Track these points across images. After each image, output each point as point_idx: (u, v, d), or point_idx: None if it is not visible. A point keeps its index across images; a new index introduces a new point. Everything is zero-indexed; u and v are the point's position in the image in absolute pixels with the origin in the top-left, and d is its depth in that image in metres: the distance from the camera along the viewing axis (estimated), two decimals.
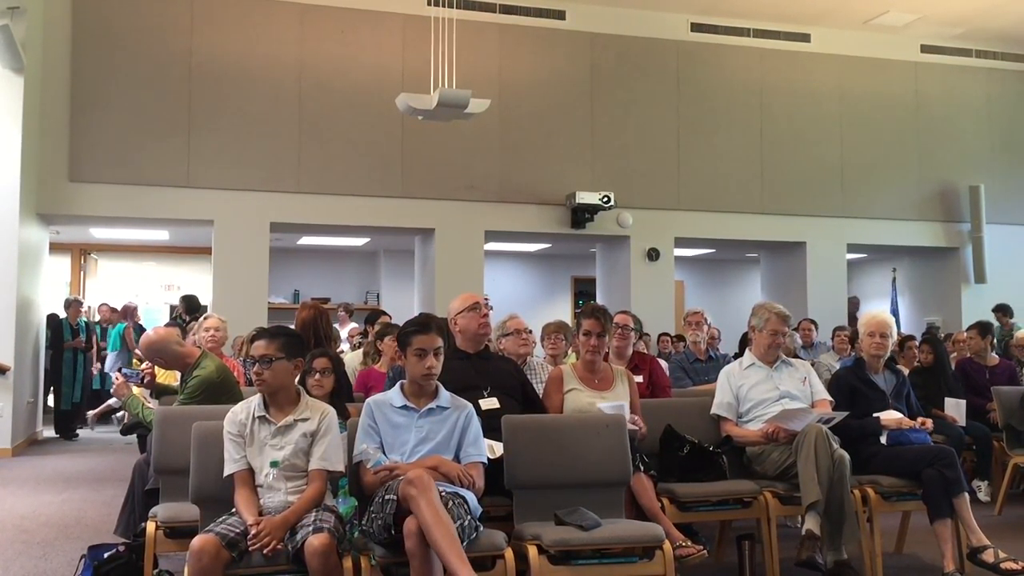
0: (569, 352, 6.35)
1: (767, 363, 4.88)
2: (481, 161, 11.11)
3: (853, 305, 12.80)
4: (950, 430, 6.12)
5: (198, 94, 10.33)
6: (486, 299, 4.59)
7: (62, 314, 11.31)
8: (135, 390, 5.12)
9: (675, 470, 4.51)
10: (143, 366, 5.21)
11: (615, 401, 4.48)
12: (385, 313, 7.85)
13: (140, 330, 11.99)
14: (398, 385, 3.78)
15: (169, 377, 5.75)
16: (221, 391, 4.58)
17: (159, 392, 5.41)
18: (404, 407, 3.68)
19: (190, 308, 10.84)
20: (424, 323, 3.74)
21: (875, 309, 5.31)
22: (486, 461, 3.70)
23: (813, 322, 9.89)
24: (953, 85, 12.82)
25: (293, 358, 3.61)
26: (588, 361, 4.66)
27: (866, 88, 12.45)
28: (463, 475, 3.53)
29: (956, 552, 4.44)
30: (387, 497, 3.35)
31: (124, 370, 5.25)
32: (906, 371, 5.56)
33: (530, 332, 5.77)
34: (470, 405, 3.78)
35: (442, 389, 3.75)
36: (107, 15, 10.15)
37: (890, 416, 4.75)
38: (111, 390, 5.19)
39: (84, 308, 11.97)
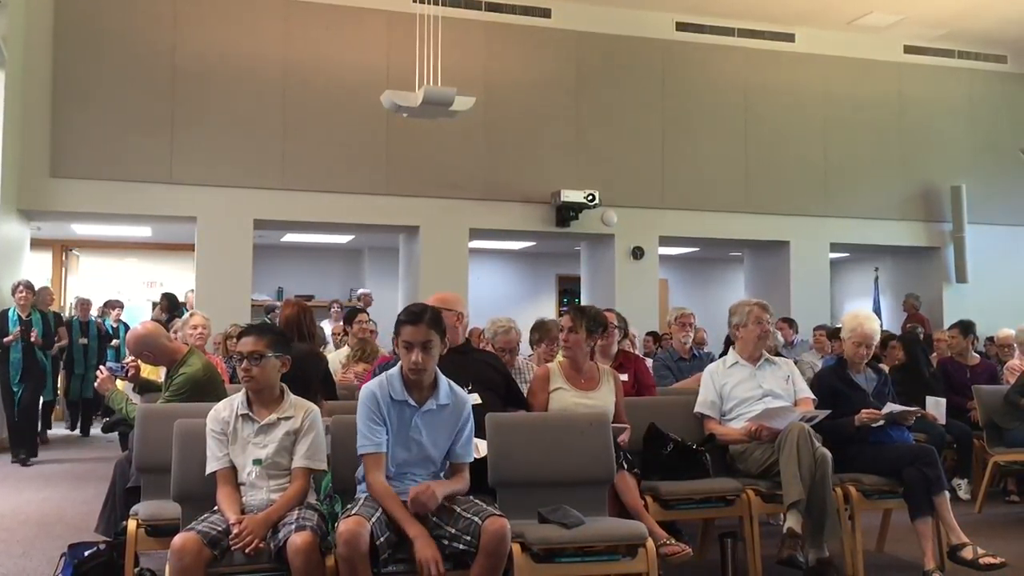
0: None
1: (751, 361, 4.90)
2: (466, 159, 11.10)
3: (911, 307, 12.44)
4: (932, 429, 6.15)
5: (181, 90, 10.27)
6: (452, 310, 4.43)
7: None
8: (119, 384, 5.07)
9: (658, 468, 4.52)
10: (127, 360, 5.16)
11: (597, 400, 4.49)
12: (363, 311, 7.81)
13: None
14: (397, 369, 3.56)
15: (152, 372, 5.71)
16: (207, 389, 4.54)
17: (143, 387, 5.36)
18: (403, 402, 3.50)
19: (171, 306, 10.78)
20: (416, 313, 3.49)
21: (862, 311, 5.23)
22: (472, 460, 3.65)
23: (788, 321, 9.94)
24: (936, 86, 12.90)
25: (281, 355, 3.60)
26: (571, 359, 4.66)
27: (850, 88, 12.52)
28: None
29: (936, 550, 4.47)
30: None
31: (108, 364, 5.19)
32: (887, 369, 5.58)
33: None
34: (469, 403, 3.65)
35: (442, 382, 3.54)
36: (90, 10, 10.07)
37: (860, 416, 4.75)
38: (95, 384, 5.07)
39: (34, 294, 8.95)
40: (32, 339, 8.58)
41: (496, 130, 11.16)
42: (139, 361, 5.06)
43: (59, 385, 10.64)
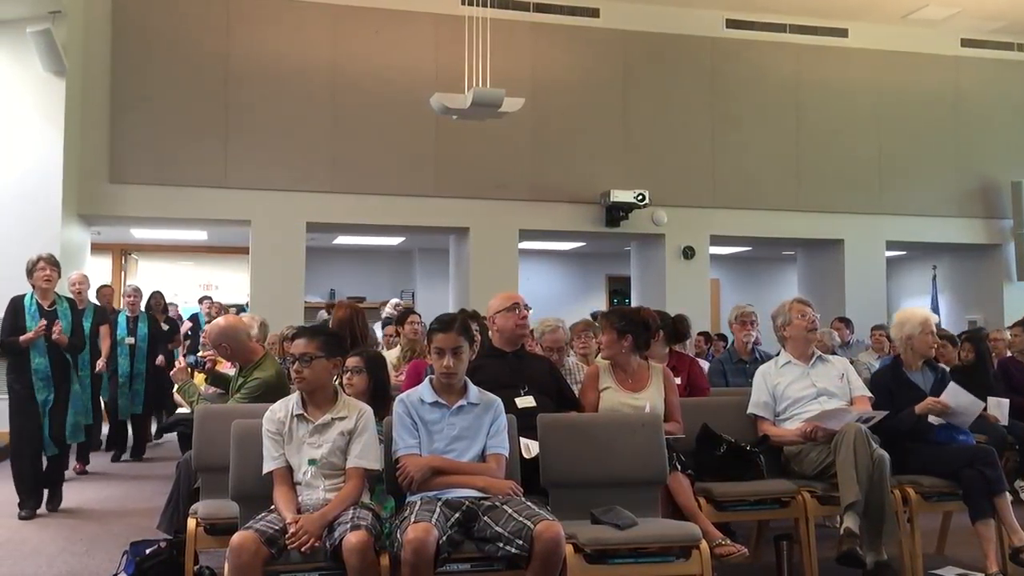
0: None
1: (804, 360, 4.85)
2: (515, 160, 11.12)
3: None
4: (992, 430, 6.01)
5: (235, 96, 10.44)
6: (525, 305, 4.61)
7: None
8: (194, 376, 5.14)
9: (712, 469, 4.49)
10: (206, 353, 5.23)
11: (644, 401, 4.47)
12: (414, 311, 7.85)
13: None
14: (427, 380, 3.77)
15: (218, 365, 5.79)
16: (277, 395, 4.57)
17: (215, 379, 5.44)
18: (435, 403, 3.65)
19: (163, 308, 10.76)
20: (447, 321, 3.69)
21: (920, 309, 5.19)
22: (507, 453, 3.69)
23: (844, 320, 9.77)
24: (994, 79, 12.62)
25: (332, 356, 3.64)
26: (612, 361, 4.64)
27: (905, 83, 12.30)
28: (514, 490, 3.55)
29: (999, 553, 4.38)
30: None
31: (188, 357, 5.27)
32: (947, 368, 5.47)
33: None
34: (499, 400, 3.76)
35: (471, 385, 3.72)
36: (146, 19, 10.28)
37: (923, 404, 4.67)
38: (171, 374, 5.05)
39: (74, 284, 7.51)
40: (55, 336, 5.95)
41: (545, 131, 11.16)
42: (217, 355, 5.13)
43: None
